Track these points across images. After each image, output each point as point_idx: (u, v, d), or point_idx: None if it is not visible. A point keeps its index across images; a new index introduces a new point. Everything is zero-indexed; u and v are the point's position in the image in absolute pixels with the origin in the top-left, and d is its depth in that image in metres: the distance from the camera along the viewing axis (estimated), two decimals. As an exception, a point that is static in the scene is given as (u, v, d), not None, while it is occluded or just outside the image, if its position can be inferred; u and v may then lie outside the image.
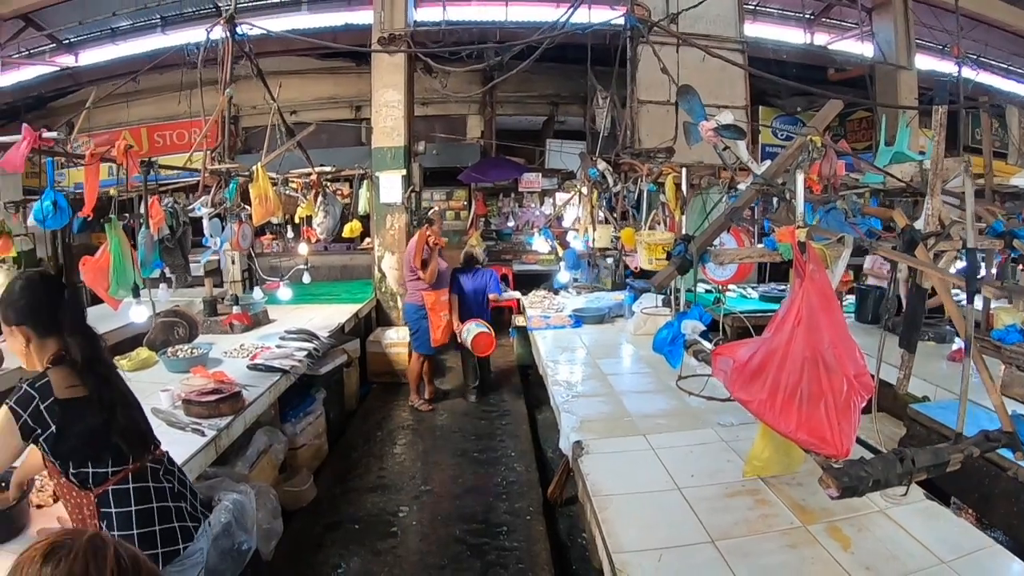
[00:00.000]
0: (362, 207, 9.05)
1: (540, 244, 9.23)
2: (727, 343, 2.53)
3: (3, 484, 2.68)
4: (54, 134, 3.77)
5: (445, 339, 7.24)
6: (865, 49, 10.89)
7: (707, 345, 2.83)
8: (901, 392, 2.32)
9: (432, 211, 7.42)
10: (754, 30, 11.69)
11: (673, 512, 2.67)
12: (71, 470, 2.22)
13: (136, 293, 4.28)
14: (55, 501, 2.76)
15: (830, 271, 2.16)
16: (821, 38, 12.55)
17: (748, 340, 2.34)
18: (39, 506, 2.75)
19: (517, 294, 8.25)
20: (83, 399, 2.22)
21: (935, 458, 1.96)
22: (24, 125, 3.52)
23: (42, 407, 2.14)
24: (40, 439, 2.16)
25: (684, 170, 3.86)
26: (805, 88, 6.67)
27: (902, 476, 1.87)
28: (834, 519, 2.54)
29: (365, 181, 8.99)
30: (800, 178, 2.37)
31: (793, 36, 12.57)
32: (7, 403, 2.16)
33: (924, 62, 11.75)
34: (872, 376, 2.07)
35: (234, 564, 2.94)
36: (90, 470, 2.22)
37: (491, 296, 7.60)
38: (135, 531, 2.21)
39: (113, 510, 2.22)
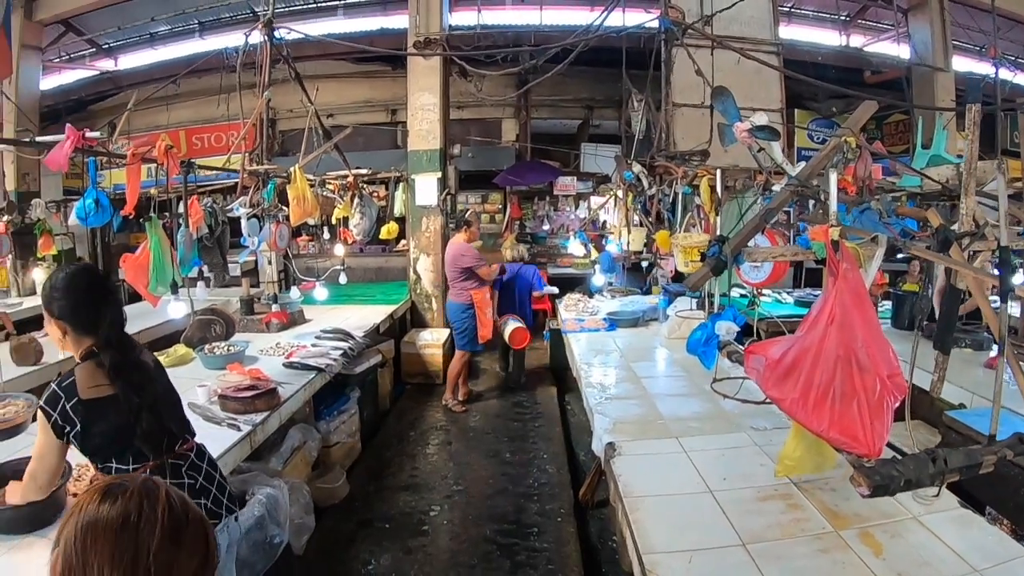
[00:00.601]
0: (398, 209, 9.15)
1: (575, 247, 9.25)
2: (759, 342, 2.51)
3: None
4: (97, 134, 3.86)
5: (491, 335, 7.40)
6: (901, 51, 10.69)
7: (741, 347, 2.81)
8: (935, 395, 2.28)
9: (470, 212, 7.48)
10: (789, 32, 11.56)
11: (704, 514, 2.66)
12: (99, 464, 2.34)
13: (175, 290, 4.36)
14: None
15: (864, 270, 2.14)
16: (857, 40, 12.36)
17: (781, 338, 2.32)
18: (75, 495, 2.76)
19: (555, 289, 8.33)
20: (107, 399, 2.27)
21: (967, 459, 1.93)
22: (68, 125, 3.60)
23: (68, 406, 2.22)
24: (70, 436, 2.24)
25: (719, 172, 3.83)
26: (841, 90, 6.59)
27: (934, 476, 1.85)
28: (866, 525, 2.50)
29: (401, 184, 9.07)
30: (834, 177, 2.35)
31: (828, 38, 12.39)
32: (39, 404, 2.25)
33: (961, 63, 11.48)
34: (906, 379, 2.04)
35: (266, 557, 2.99)
36: (113, 465, 2.31)
37: (535, 293, 7.72)
38: None
39: None
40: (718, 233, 3.68)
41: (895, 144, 11.85)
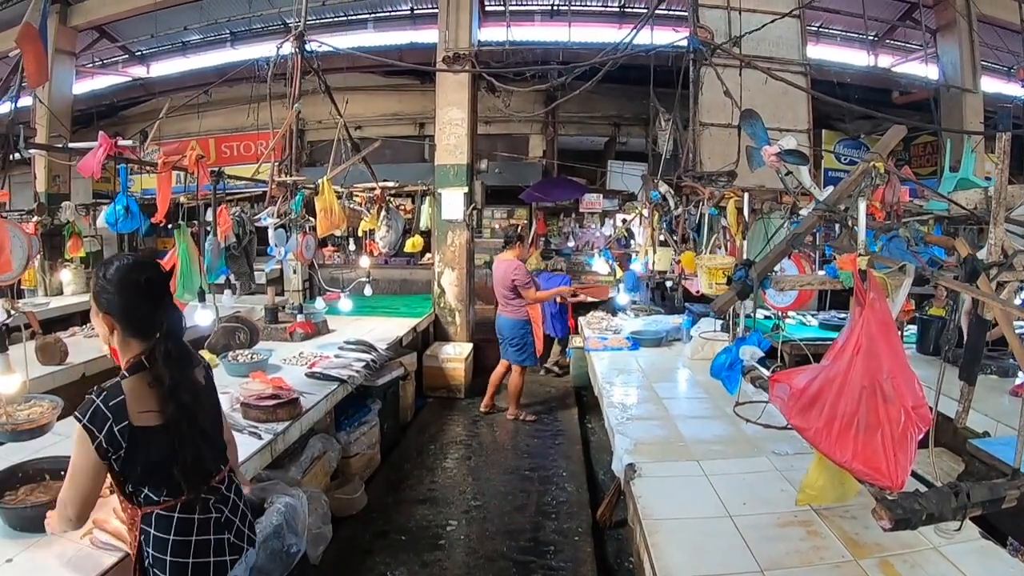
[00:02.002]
0: (424, 223, 9.20)
1: (600, 265, 9.23)
2: (785, 370, 2.50)
3: (62, 473, 2.72)
4: (129, 142, 3.92)
5: (543, 348, 7.63)
6: (929, 71, 10.61)
7: (765, 372, 2.79)
8: (960, 426, 2.25)
9: (520, 228, 7.60)
10: (817, 52, 11.53)
11: (723, 539, 2.64)
12: (127, 488, 2.11)
13: (202, 298, 4.41)
14: (111, 492, 2.75)
15: (891, 300, 2.12)
16: (885, 60, 12.32)
17: (806, 367, 2.31)
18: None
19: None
20: (154, 428, 2.06)
21: (991, 493, 1.89)
22: (100, 133, 3.65)
23: (116, 429, 1.99)
24: (111, 458, 2.01)
25: (746, 195, 3.82)
26: (869, 112, 6.54)
27: (956, 511, 1.82)
28: (886, 554, 2.47)
29: (428, 197, 9.13)
30: (862, 205, 2.33)
31: (857, 58, 12.33)
32: (81, 421, 1.99)
33: (990, 84, 11.39)
34: (930, 408, 2.02)
35: (282, 565, 3.01)
36: (144, 491, 2.09)
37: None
38: (168, 557, 2.10)
39: (152, 531, 2.10)
40: (744, 255, 3.67)
41: (923, 166, 11.74)
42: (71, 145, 4.16)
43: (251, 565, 2.40)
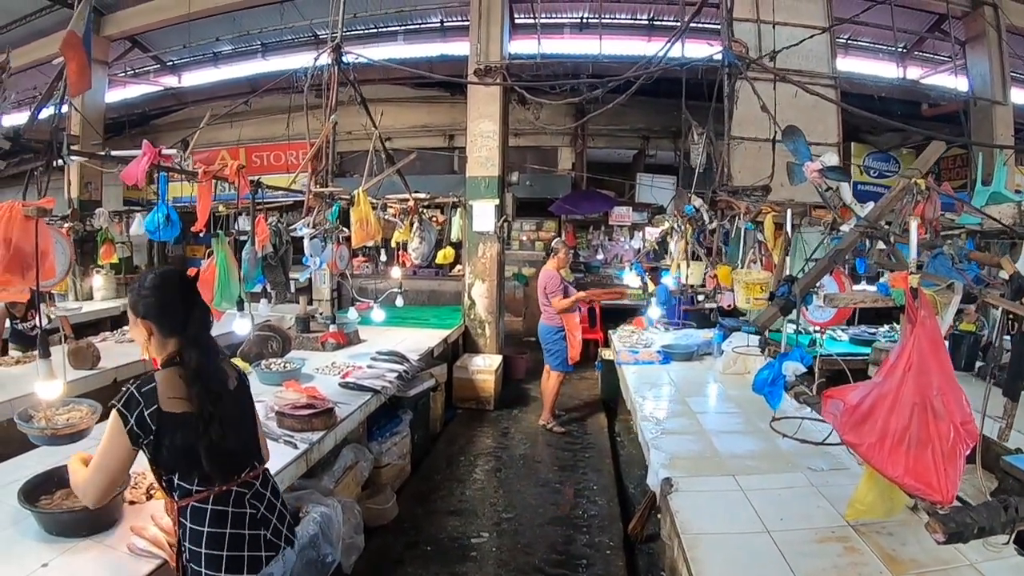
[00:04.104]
0: (455, 234, 9.24)
1: (631, 279, 9.21)
2: (837, 387, 2.50)
3: None
4: (172, 151, 3.98)
5: (579, 356, 7.59)
6: (959, 83, 10.50)
7: (808, 389, 2.80)
8: (1003, 442, 2.24)
9: (556, 240, 7.69)
10: (846, 64, 11.43)
11: (762, 555, 2.63)
12: (163, 476, 2.23)
13: (240, 307, 4.46)
14: (148, 499, 2.84)
15: (940, 317, 2.12)
16: (914, 72, 12.18)
17: (858, 384, 2.32)
18: (132, 502, 2.82)
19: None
20: (183, 415, 2.18)
21: None
22: (145, 142, 3.69)
23: (146, 413, 2.12)
24: (143, 444, 2.15)
25: (788, 212, 3.81)
26: (899, 125, 6.48)
27: (1006, 524, 1.84)
28: (924, 571, 2.46)
29: (458, 209, 9.18)
30: (914, 225, 2.33)
31: (886, 70, 12.18)
32: (115, 406, 2.16)
33: (1021, 96, 11.23)
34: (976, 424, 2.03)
35: (318, 575, 3.04)
36: (175, 480, 2.21)
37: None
38: (203, 550, 2.19)
39: (188, 524, 2.20)
40: (787, 271, 3.67)
41: (952, 179, 11.57)
42: (114, 153, 4.23)
43: (289, 568, 2.44)
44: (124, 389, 2.19)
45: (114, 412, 2.14)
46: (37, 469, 2.90)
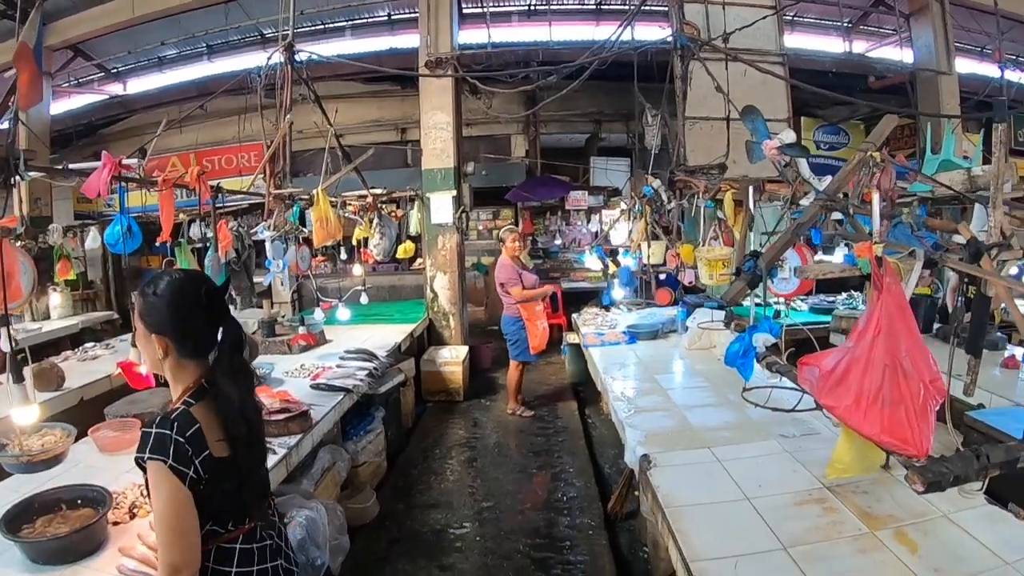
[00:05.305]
0: (413, 228, 9.23)
1: (592, 262, 9.31)
2: (811, 354, 2.60)
3: (79, 501, 2.72)
4: (133, 161, 3.93)
5: (543, 346, 7.53)
6: (905, 55, 10.78)
7: (779, 359, 2.89)
8: (967, 397, 2.37)
9: (503, 230, 7.66)
10: (793, 41, 11.63)
11: (744, 521, 2.72)
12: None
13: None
14: (131, 518, 2.77)
15: (904, 283, 2.23)
16: (860, 46, 12.44)
17: (832, 350, 2.42)
18: (115, 523, 2.73)
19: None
20: (227, 459, 1.93)
21: (1007, 455, 2.06)
22: (104, 153, 3.64)
23: (197, 461, 1.84)
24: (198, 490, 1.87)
25: (750, 188, 3.91)
26: (845, 99, 6.65)
27: (979, 471, 1.97)
28: (900, 524, 2.58)
29: (416, 202, 9.17)
30: (876, 196, 2.42)
31: (832, 45, 12.47)
32: (167, 462, 1.81)
33: (964, 65, 11.61)
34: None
35: (308, 580, 3.04)
36: (208, 526, 1.92)
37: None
38: None
39: (211, 566, 1.95)
40: (749, 247, 3.76)
41: (899, 148, 11.82)
42: (72, 166, 4.16)
43: None
44: (156, 435, 1.84)
45: (163, 469, 1.81)
46: (13, 499, 2.75)
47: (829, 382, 2.30)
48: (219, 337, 2.01)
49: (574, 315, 8.17)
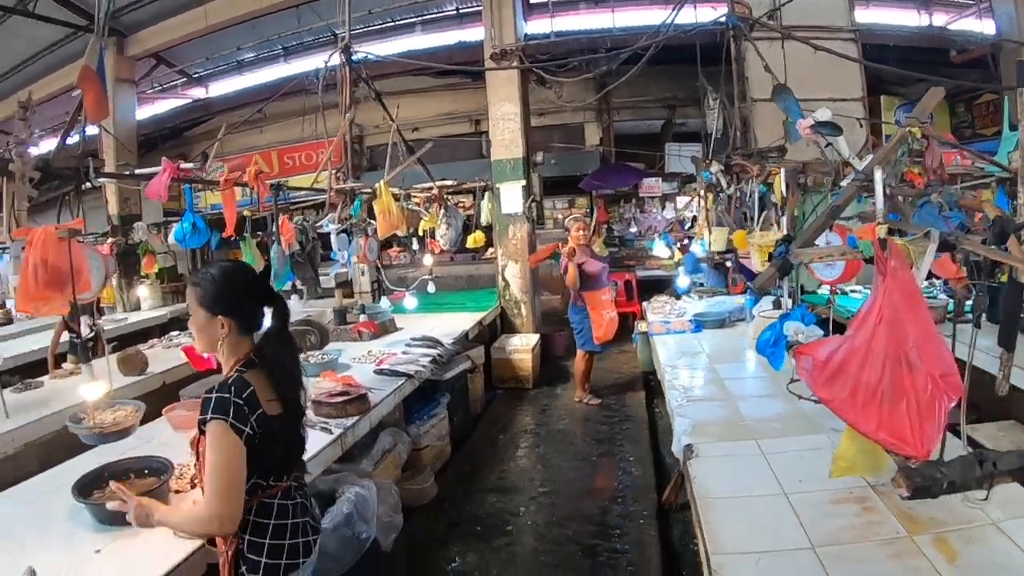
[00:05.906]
0: (484, 218, 9.32)
1: (660, 249, 9.19)
2: (807, 343, 2.51)
3: (145, 471, 3.01)
4: (191, 164, 4.15)
5: (609, 336, 7.44)
6: (985, 26, 10.14)
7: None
8: (1001, 393, 2.20)
9: (568, 219, 7.62)
10: (867, 16, 11.03)
11: (777, 517, 2.68)
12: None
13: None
14: (192, 487, 3.01)
15: (916, 268, 2.11)
16: (939, 19, 11.76)
17: (829, 339, 2.32)
18: (177, 491, 3.01)
19: None
20: (278, 417, 2.19)
21: (1021, 461, 1.87)
22: (164, 158, 3.87)
23: (252, 419, 2.08)
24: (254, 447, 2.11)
25: (782, 171, 3.80)
26: (916, 75, 6.32)
27: (982, 479, 1.80)
28: (943, 530, 2.44)
29: (487, 193, 9.25)
30: (878, 175, 2.31)
31: (909, 18, 11.81)
32: (228, 419, 2.04)
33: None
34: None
35: (353, 551, 3.18)
36: (252, 480, 2.14)
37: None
38: (267, 541, 2.20)
39: (252, 519, 2.18)
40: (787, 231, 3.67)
41: (987, 126, 11.10)
42: (136, 171, 4.42)
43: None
44: (216, 399, 2.08)
45: (223, 426, 2.04)
46: (91, 467, 3.07)
47: (824, 373, 2.15)
48: (268, 314, 2.32)
49: (644, 303, 8.10)
